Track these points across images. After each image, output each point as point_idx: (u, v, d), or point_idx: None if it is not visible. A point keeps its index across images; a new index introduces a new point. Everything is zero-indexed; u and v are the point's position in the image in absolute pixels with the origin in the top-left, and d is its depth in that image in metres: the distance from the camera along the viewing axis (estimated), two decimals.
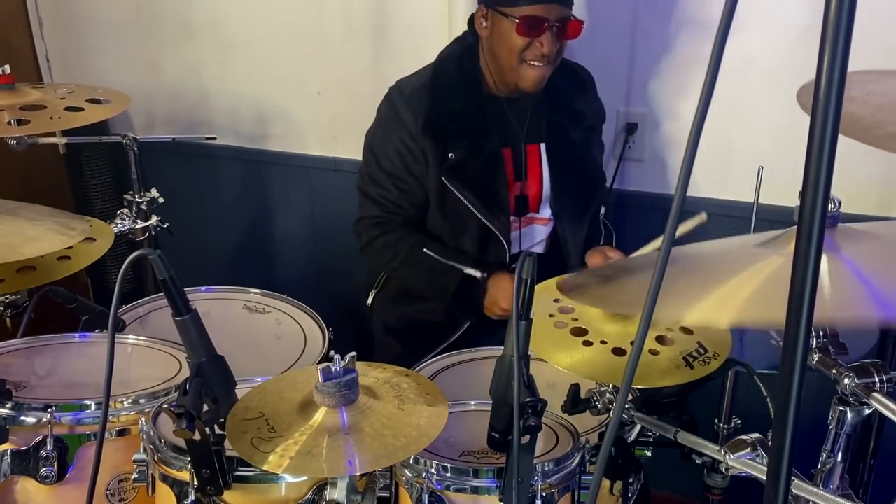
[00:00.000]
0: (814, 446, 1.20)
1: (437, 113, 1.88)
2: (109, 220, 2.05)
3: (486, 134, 1.91)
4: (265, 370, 1.46)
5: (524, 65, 1.82)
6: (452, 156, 1.87)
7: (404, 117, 1.89)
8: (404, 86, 1.94)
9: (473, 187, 1.88)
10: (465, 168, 1.88)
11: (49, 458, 1.35)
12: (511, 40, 1.79)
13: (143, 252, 1.10)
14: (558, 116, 1.96)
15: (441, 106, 1.89)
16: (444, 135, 1.88)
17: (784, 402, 0.67)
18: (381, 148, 1.94)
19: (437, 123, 1.88)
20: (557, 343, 1.33)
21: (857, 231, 1.13)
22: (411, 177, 1.92)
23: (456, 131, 1.88)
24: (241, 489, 1.19)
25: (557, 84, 1.93)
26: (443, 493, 1.22)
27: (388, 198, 1.95)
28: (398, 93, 1.93)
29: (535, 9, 1.76)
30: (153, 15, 2.71)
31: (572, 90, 1.99)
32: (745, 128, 2.13)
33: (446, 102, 1.89)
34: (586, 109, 2.01)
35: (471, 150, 1.88)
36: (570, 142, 1.98)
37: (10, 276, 1.68)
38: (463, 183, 1.88)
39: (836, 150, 0.61)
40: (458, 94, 1.90)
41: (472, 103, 1.90)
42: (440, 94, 1.89)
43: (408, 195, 1.94)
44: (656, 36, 2.17)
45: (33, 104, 1.92)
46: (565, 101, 1.96)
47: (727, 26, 0.64)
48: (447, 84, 1.91)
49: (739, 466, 1.21)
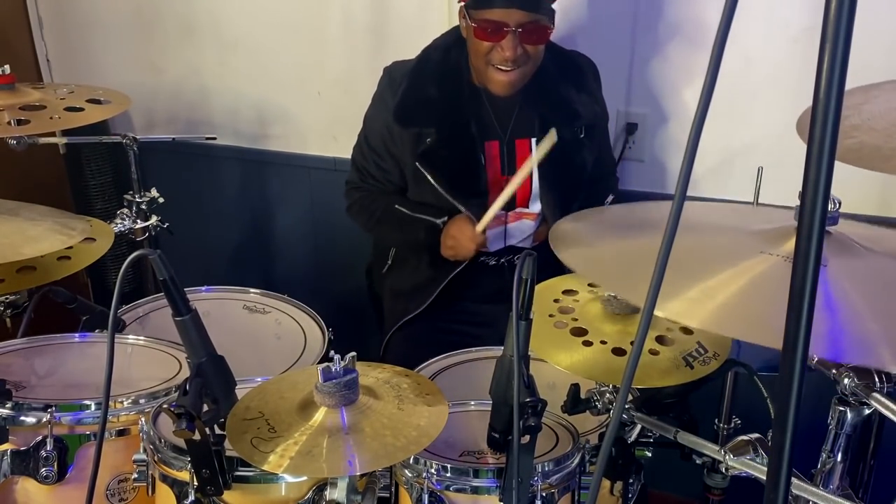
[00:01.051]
0: (814, 446, 1.20)
1: (411, 98, 1.91)
2: (109, 220, 2.05)
3: (462, 123, 1.91)
4: (265, 370, 1.46)
5: (491, 68, 1.82)
6: (428, 141, 1.89)
7: (387, 99, 1.94)
8: (395, 68, 1.98)
9: (446, 174, 1.91)
10: (438, 154, 1.90)
11: (49, 458, 1.35)
12: (476, 43, 1.81)
13: (143, 252, 1.10)
14: (549, 112, 1.94)
15: (416, 91, 1.91)
16: (412, 120, 1.91)
17: (784, 402, 0.67)
18: (369, 124, 2.02)
19: (408, 108, 1.91)
20: (557, 343, 1.33)
21: (852, 242, 1.14)
22: (390, 157, 1.97)
23: (426, 118, 1.90)
24: (241, 489, 1.19)
25: (551, 79, 1.93)
26: (443, 493, 1.22)
27: (368, 171, 2.04)
28: (388, 74, 1.98)
29: (493, 13, 1.76)
30: (153, 15, 2.71)
31: (568, 86, 1.96)
32: (745, 128, 2.13)
33: (422, 88, 1.92)
34: (581, 108, 1.98)
35: (444, 137, 1.90)
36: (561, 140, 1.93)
37: (10, 276, 1.69)
38: (435, 169, 1.91)
39: (835, 150, 0.61)
40: (436, 82, 1.91)
41: (449, 92, 1.91)
42: (418, 79, 1.92)
43: (386, 173, 2.01)
44: (656, 36, 2.17)
45: (33, 104, 1.92)
46: (558, 98, 1.94)
47: (727, 26, 0.64)
48: (429, 71, 1.92)
49: (739, 466, 1.21)
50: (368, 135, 2.01)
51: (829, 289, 1.00)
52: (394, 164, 1.98)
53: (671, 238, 0.71)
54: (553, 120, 1.92)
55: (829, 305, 0.98)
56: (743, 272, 1.05)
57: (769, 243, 1.12)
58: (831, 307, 0.98)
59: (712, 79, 0.66)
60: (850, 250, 1.13)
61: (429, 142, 1.89)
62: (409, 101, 1.91)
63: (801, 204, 0.63)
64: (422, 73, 1.92)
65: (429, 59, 1.94)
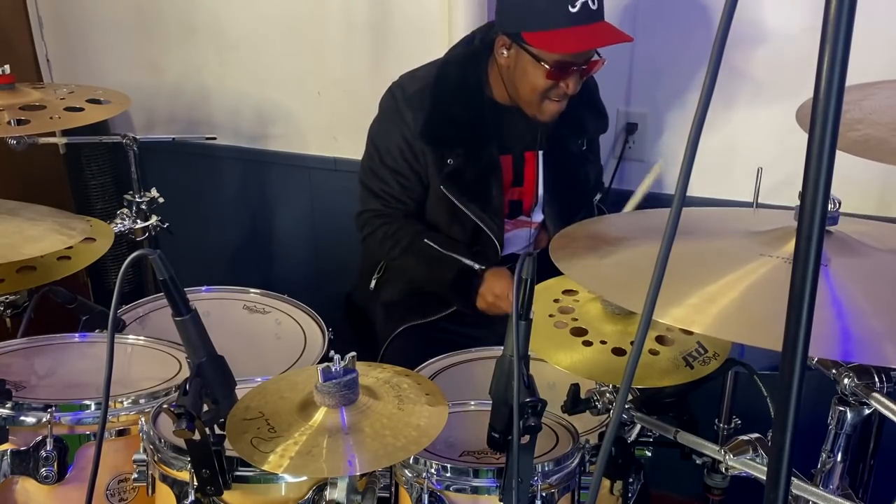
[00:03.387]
0: (814, 446, 1.20)
1: (436, 118, 1.88)
2: (109, 220, 2.05)
3: (485, 142, 1.91)
4: (265, 370, 1.46)
5: (546, 101, 1.83)
6: (451, 162, 1.88)
7: (405, 116, 1.90)
8: (407, 83, 1.94)
9: (471, 194, 1.90)
10: (463, 175, 1.89)
11: (49, 458, 1.35)
12: (536, 81, 1.79)
13: (143, 252, 1.10)
14: (559, 127, 1.94)
15: (440, 111, 1.89)
16: (441, 140, 1.89)
17: (784, 402, 0.67)
18: (382, 143, 1.95)
19: (436, 128, 1.88)
20: (557, 343, 1.33)
21: (853, 241, 1.14)
22: (413, 173, 1.93)
23: (453, 138, 1.89)
24: (241, 489, 1.19)
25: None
26: (443, 493, 1.22)
27: (389, 192, 1.97)
28: (400, 90, 1.93)
29: (568, 56, 1.76)
30: (153, 15, 2.71)
31: (579, 102, 1.95)
32: (744, 128, 2.13)
33: (446, 108, 1.89)
34: (589, 123, 1.99)
35: (469, 157, 1.89)
36: (568, 153, 1.98)
37: (10, 276, 1.69)
38: (461, 191, 1.90)
39: (835, 150, 0.61)
40: (458, 101, 1.90)
41: (473, 111, 1.90)
42: (441, 99, 1.89)
43: (409, 191, 1.96)
44: (656, 36, 2.17)
45: (33, 104, 1.92)
46: (569, 113, 1.92)
47: (727, 26, 0.64)
48: (449, 89, 1.90)
49: (739, 466, 1.21)
50: (383, 155, 1.95)
51: (830, 288, 1.01)
52: (417, 180, 1.94)
53: (671, 237, 0.71)
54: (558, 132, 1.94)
55: (830, 304, 0.98)
56: (743, 276, 1.05)
57: (769, 246, 1.12)
58: (833, 306, 0.98)
59: (712, 79, 0.66)
60: (852, 248, 1.13)
61: (451, 163, 1.88)
62: (437, 121, 1.88)
63: (801, 204, 0.63)
64: (443, 93, 1.90)
65: (448, 77, 1.91)
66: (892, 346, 0.93)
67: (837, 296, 0.99)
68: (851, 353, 0.96)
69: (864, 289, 1.03)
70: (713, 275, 1.06)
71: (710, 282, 1.04)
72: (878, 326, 0.96)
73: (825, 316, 0.95)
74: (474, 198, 1.90)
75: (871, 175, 1.99)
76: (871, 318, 0.97)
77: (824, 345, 0.92)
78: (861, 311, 0.98)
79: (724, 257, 1.14)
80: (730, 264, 1.08)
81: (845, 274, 1.05)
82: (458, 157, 1.88)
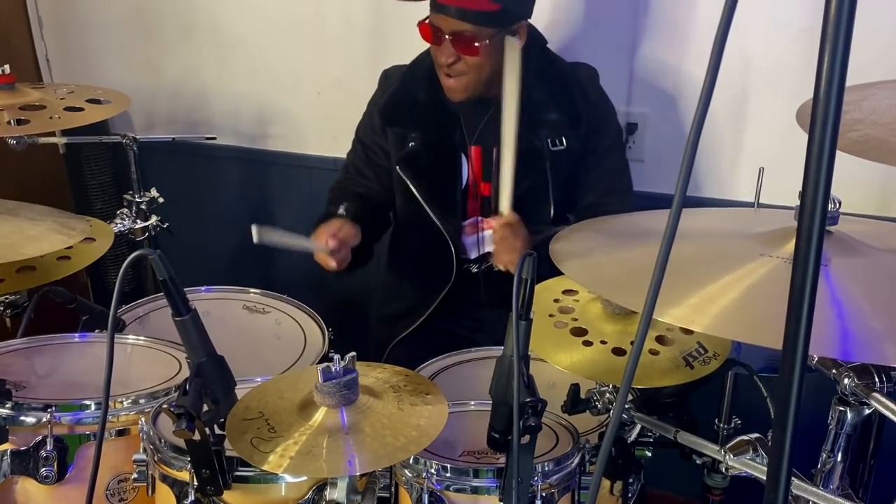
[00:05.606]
0: (814, 446, 1.20)
1: (399, 97, 1.93)
2: (109, 220, 2.05)
3: (446, 128, 1.90)
4: (265, 370, 1.47)
5: (440, 71, 1.83)
6: (412, 145, 1.89)
7: (378, 93, 1.99)
8: (391, 72, 2.01)
9: (426, 180, 1.90)
10: (420, 159, 1.90)
11: (49, 458, 1.35)
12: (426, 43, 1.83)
13: (143, 252, 1.10)
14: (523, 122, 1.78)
15: (405, 92, 1.93)
16: (397, 120, 1.92)
17: (784, 402, 0.67)
18: (363, 120, 2.04)
19: (395, 107, 1.93)
20: (557, 343, 1.33)
21: (853, 241, 1.14)
22: (377, 147, 1.99)
23: (413, 119, 1.91)
24: (241, 489, 1.19)
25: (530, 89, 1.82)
26: (443, 493, 1.22)
27: (354, 163, 2.05)
28: (384, 76, 2.02)
29: (434, 18, 1.77)
30: (153, 15, 2.71)
31: (550, 98, 1.86)
32: (745, 128, 2.13)
33: (411, 90, 1.92)
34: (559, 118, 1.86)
35: (427, 142, 1.90)
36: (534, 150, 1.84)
37: (10, 276, 1.69)
38: (415, 173, 1.90)
39: (836, 150, 0.61)
40: (425, 85, 1.91)
41: (437, 96, 1.89)
42: (409, 80, 1.93)
43: (373, 165, 2.01)
44: (656, 36, 2.17)
45: (33, 104, 1.92)
46: (535, 109, 1.84)
47: (727, 26, 0.64)
48: (420, 73, 1.92)
49: (739, 466, 1.21)
50: (359, 128, 2.04)
51: (830, 288, 1.01)
52: (383, 157, 1.98)
53: (671, 237, 0.72)
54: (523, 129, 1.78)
55: (830, 304, 0.98)
56: (743, 276, 1.05)
57: (769, 246, 1.12)
58: (833, 306, 0.98)
59: (712, 79, 0.66)
60: (852, 248, 1.13)
61: (412, 146, 1.89)
62: (397, 101, 1.93)
63: (801, 204, 0.63)
64: (413, 76, 1.93)
65: (422, 62, 1.94)
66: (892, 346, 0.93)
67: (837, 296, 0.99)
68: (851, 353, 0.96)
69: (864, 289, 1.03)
70: (713, 275, 1.06)
71: (710, 282, 1.04)
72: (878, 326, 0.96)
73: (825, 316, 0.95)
74: (428, 185, 1.90)
75: (871, 175, 1.99)
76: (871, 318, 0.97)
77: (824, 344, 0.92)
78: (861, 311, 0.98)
79: (724, 257, 1.14)
80: (730, 264, 1.08)
81: (845, 274, 1.05)
82: (417, 139, 1.89)
